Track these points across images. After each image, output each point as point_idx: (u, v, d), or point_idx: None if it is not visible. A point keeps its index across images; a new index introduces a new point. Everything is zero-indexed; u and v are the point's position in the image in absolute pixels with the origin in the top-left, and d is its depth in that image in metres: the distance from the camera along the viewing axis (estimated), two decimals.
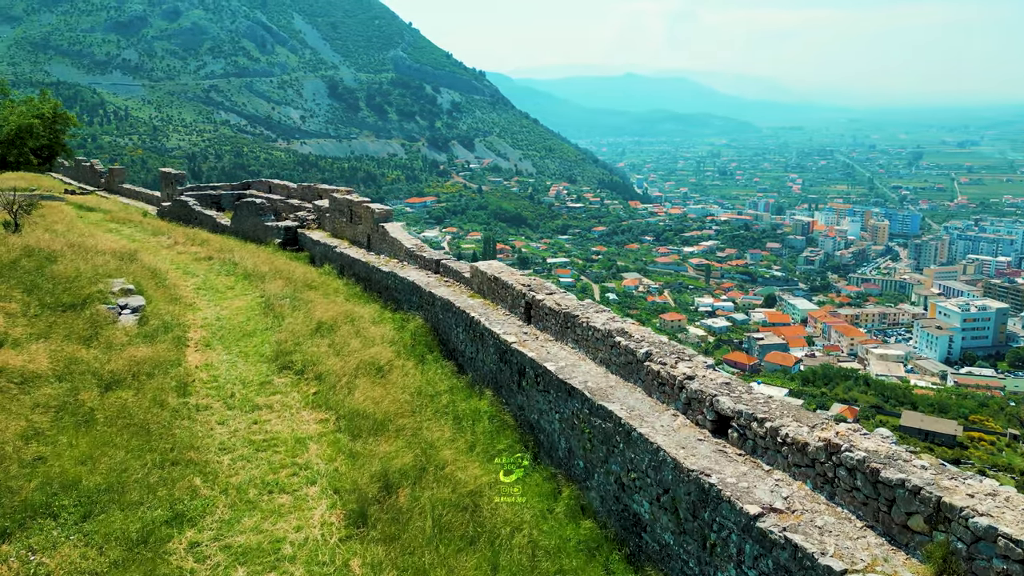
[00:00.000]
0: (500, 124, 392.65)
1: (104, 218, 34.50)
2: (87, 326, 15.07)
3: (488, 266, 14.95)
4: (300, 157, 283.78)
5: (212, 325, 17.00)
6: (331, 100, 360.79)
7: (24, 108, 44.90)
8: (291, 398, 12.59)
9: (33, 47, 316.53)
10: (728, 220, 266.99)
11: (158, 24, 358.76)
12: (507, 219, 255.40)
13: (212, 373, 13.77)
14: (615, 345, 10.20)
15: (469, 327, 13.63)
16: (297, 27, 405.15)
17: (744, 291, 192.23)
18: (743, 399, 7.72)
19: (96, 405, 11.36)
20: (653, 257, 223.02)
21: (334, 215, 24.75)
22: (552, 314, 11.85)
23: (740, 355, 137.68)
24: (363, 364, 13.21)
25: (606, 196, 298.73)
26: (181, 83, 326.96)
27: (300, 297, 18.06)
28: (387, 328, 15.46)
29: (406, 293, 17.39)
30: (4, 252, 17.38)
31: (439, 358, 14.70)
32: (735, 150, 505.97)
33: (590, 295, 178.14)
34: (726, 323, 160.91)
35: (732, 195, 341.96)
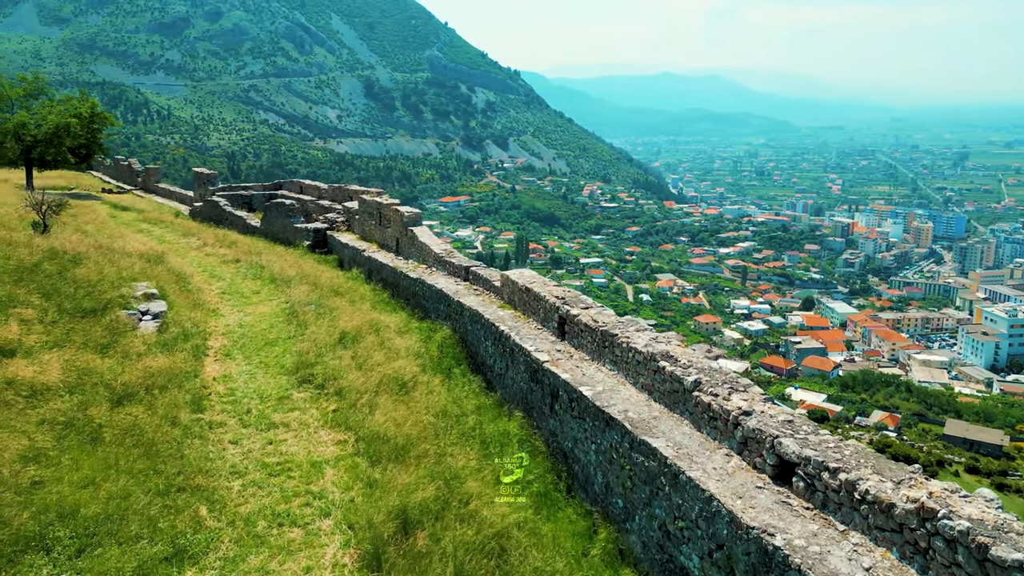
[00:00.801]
0: (534, 123, 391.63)
1: (137, 218, 34.47)
2: (105, 333, 14.58)
3: (519, 275, 14.08)
4: (336, 156, 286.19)
5: (234, 332, 16.42)
6: (367, 100, 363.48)
7: (62, 107, 45.08)
8: (309, 415, 11.89)
9: (80, 48, 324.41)
10: (765, 221, 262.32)
11: (200, 25, 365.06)
12: (540, 219, 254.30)
13: (229, 386, 13.15)
14: (659, 370, 9.22)
15: (498, 341, 12.78)
16: (335, 27, 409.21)
17: (781, 293, 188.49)
18: (810, 442, 6.69)
19: (105, 421, 10.77)
20: (688, 258, 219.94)
21: (363, 217, 24.12)
22: (588, 331, 10.95)
23: (777, 359, 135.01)
24: (386, 379, 12.46)
25: (641, 196, 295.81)
26: (222, 83, 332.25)
27: (325, 304, 17.41)
28: (413, 339, 14.70)
29: (434, 301, 16.62)
30: (26, 255, 16.99)
31: (466, 372, 13.90)
32: (773, 150, 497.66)
33: (623, 295, 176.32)
34: (762, 326, 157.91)
35: (769, 196, 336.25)
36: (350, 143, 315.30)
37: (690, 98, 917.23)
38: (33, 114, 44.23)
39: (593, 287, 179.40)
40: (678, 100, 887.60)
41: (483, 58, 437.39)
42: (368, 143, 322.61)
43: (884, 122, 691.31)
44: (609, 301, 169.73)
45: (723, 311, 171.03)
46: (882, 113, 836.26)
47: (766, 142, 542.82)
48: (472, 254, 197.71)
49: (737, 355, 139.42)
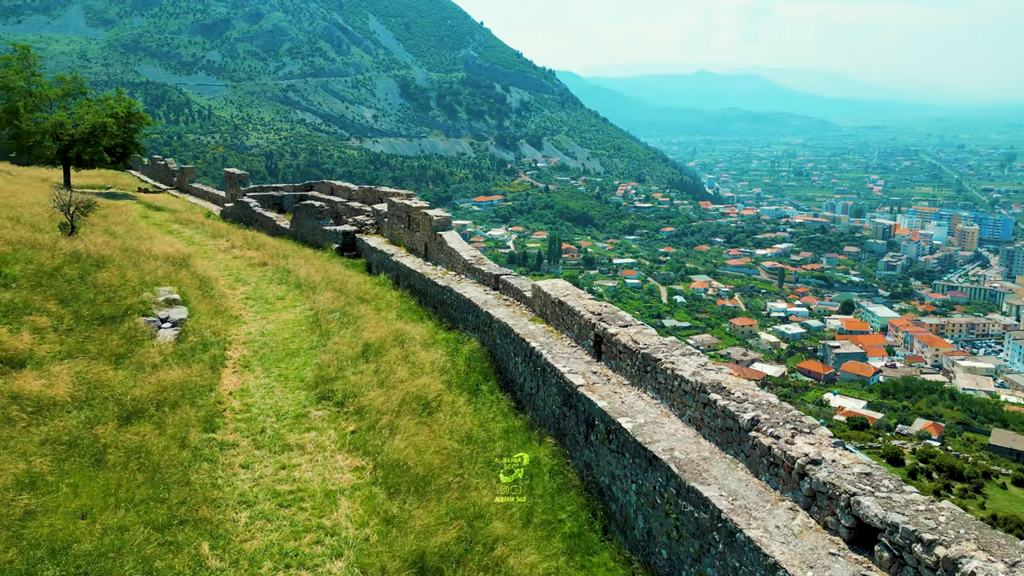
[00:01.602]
0: (568, 123, 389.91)
1: (168, 218, 34.33)
2: (122, 342, 14.04)
3: (552, 286, 13.17)
4: (372, 156, 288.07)
5: (255, 342, 15.80)
6: (403, 99, 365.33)
7: (99, 107, 45.38)
8: (326, 436, 11.15)
9: (125, 48, 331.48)
10: (803, 222, 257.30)
11: (241, 26, 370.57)
12: (573, 218, 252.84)
13: (245, 401, 12.48)
14: (709, 404, 8.20)
15: (529, 359, 11.89)
16: (372, 28, 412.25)
17: (819, 296, 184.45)
18: (895, 502, 5.65)
19: (111, 440, 10.15)
20: (724, 259, 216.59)
21: (392, 220, 23.44)
22: (627, 353, 9.98)
23: (814, 363, 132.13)
24: (409, 398, 11.68)
25: (675, 196, 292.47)
26: (261, 83, 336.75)
27: (350, 312, 16.72)
28: (439, 352, 13.88)
29: (462, 311, 15.80)
30: (47, 259, 16.58)
31: (495, 389, 13.04)
32: (812, 150, 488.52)
33: (657, 297, 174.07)
34: (800, 329, 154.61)
35: (808, 196, 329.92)
36: (385, 143, 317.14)
37: (727, 97, 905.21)
38: (71, 114, 44.61)
39: (626, 288, 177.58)
40: (715, 99, 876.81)
41: (518, 58, 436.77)
42: (403, 143, 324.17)
43: (928, 121, 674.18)
44: (642, 302, 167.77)
45: (759, 314, 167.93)
46: (926, 112, 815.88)
47: (804, 142, 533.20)
48: (504, 254, 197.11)
49: (773, 359, 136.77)
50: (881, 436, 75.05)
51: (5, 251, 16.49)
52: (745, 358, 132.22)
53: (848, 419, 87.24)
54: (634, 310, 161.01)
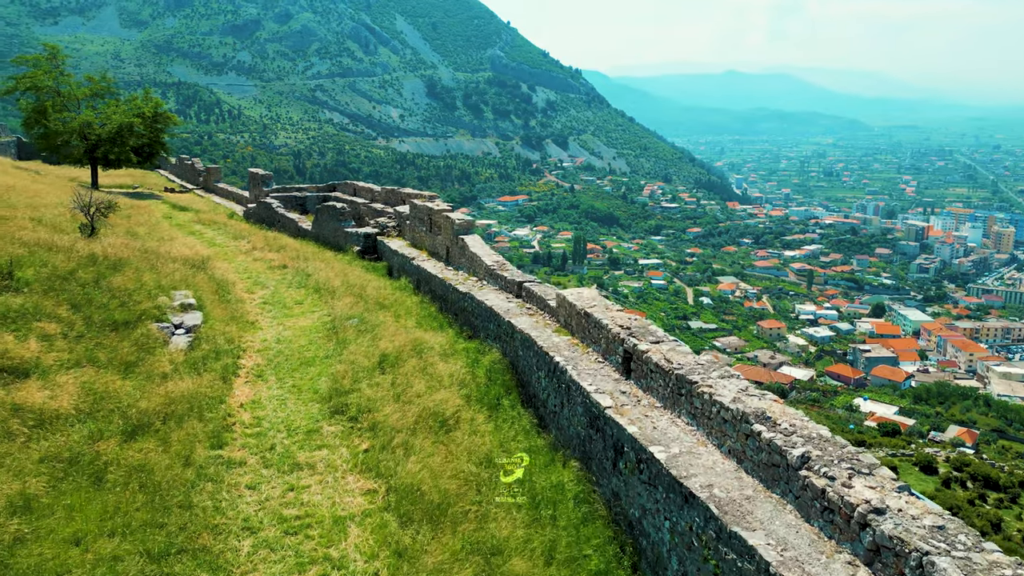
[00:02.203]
0: (595, 122, 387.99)
1: (191, 219, 34.18)
2: (133, 350, 13.62)
3: (577, 296, 12.46)
4: (398, 155, 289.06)
5: (270, 349, 15.31)
6: (429, 99, 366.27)
7: (127, 107, 45.57)
8: (338, 455, 10.57)
9: (158, 49, 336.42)
10: (833, 223, 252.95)
11: (270, 27, 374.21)
12: (598, 218, 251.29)
13: (256, 414, 11.96)
14: (752, 435, 7.39)
15: (552, 374, 11.21)
16: (399, 28, 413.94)
17: (849, 299, 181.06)
18: (975, 566, 4.84)
19: (113, 457, 9.67)
20: (751, 260, 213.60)
21: (414, 223, 22.88)
22: (659, 372, 9.24)
23: (844, 367, 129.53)
24: (426, 414, 11.07)
25: (703, 196, 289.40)
26: (290, 83, 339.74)
27: (368, 319, 16.16)
28: (458, 364, 13.25)
29: (483, 319, 15.16)
30: (62, 262, 16.24)
31: (516, 403, 12.37)
32: (843, 150, 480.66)
33: (683, 298, 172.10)
34: (829, 332, 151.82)
35: (838, 197, 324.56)
36: (412, 142, 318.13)
37: (756, 96, 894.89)
38: (98, 113, 44.85)
39: (652, 289, 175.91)
40: (743, 98, 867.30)
41: (544, 57, 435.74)
42: (429, 142, 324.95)
43: (962, 121, 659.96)
44: (668, 304, 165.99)
45: (787, 316, 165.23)
46: (960, 111, 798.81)
47: (835, 142, 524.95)
48: (529, 253, 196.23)
49: (801, 362, 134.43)
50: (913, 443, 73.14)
51: (20, 254, 16.18)
52: (773, 361, 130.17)
53: (879, 425, 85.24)
54: (659, 311, 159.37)
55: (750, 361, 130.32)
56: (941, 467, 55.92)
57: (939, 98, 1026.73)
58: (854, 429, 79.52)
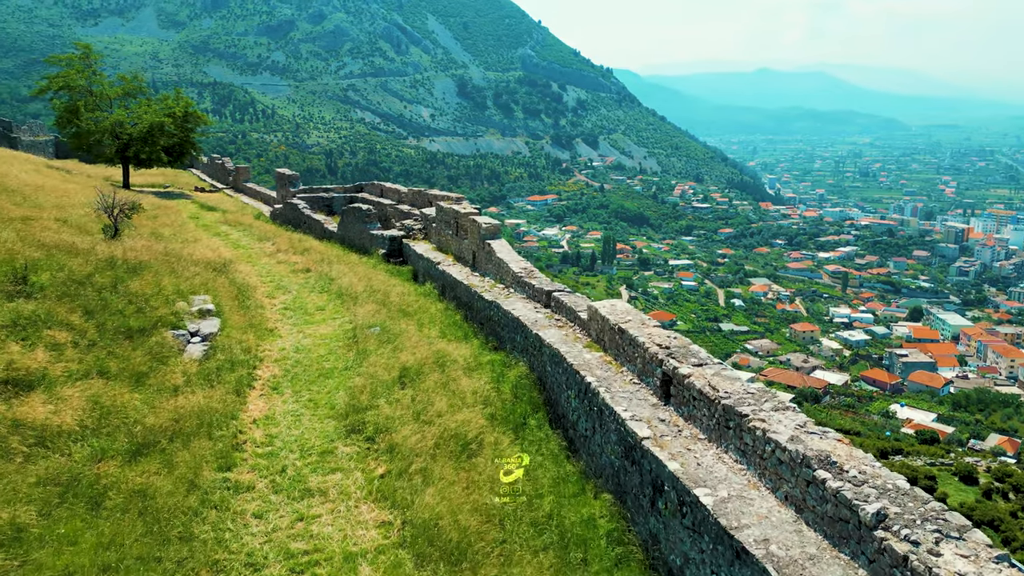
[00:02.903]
0: (625, 121, 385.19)
1: (218, 219, 33.95)
2: (145, 359, 13.10)
3: (611, 309, 11.61)
4: (428, 155, 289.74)
5: (288, 359, 14.71)
6: (460, 99, 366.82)
7: (158, 107, 45.67)
8: (352, 480, 9.88)
9: (194, 50, 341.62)
10: (869, 225, 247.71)
11: (304, 27, 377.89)
12: (628, 218, 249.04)
13: (269, 431, 11.33)
14: (815, 482, 6.44)
15: (583, 394, 10.39)
16: (431, 28, 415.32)
17: (886, 302, 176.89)
18: None
19: (114, 480, 9.08)
20: (784, 262, 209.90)
21: (440, 226, 22.20)
22: (703, 400, 8.39)
23: (880, 372, 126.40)
24: (447, 437, 10.34)
25: (735, 196, 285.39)
26: (322, 83, 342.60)
27: (390, 328, 15.49)
28: (483, 380, 12.48)
29: (509, 330, 14.38)
30: (79, 265, 15.81)
31: (543, 423, 11.57)
32: (879, 149, 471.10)
33: (714, 300, 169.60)
34: (864, 336, 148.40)
35: (874, 198, 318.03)
36: (442, 141, 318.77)
37: (790, 95, 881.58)
38: (130, 113, 45.00)
39: (682, 290, 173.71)
40: (777, 97, 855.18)
41: (575, 56, 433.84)
42: (459, 142, 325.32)
43: (1004, 120, 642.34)
44: (699, 305, 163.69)
45: (821, 319, 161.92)
46: (1002, 110, 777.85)
47: (872, 141, 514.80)
48: (558, 253, 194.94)
49: (835, 366, 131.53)
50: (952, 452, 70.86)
51: (37, 257, 15.78)
52: (806, 365, 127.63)
53: (916, 432, 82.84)
54: (690, 313, 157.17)
55: (782, 364, 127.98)
56: (982, 477, 53.83)
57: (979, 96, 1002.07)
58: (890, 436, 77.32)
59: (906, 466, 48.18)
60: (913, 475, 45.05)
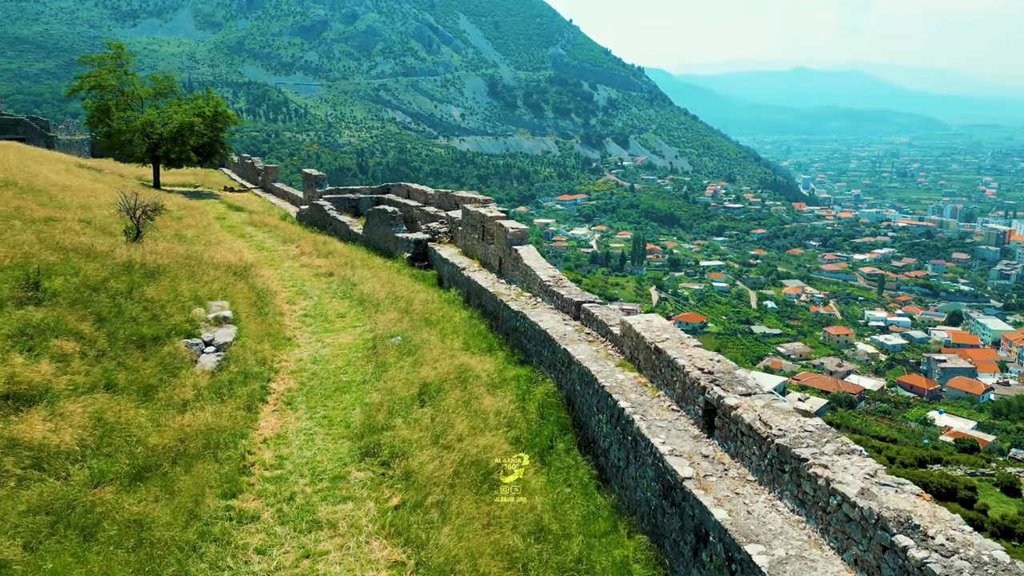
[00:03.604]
0: (657, 121, 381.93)
1: (244, 220, 33.64)
2: (156, 371, 12.53)
3: (646, 325, 10.72)
4: (458, 154, 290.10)
5: (305, 370, 14.08)
6: (490, 98, 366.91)
7: (188, 106, 45.70)
8: (364, 511, 9.14)
9: (230, 50, 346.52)
10: (907, 226, 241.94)
11: (337, 28, 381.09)
12: (659, 218, 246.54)
13: (280, 452, 10.66)
14: (892, 548, 5.45)
15: (616, 420, 9.52)
16: (462, 27, 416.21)
17: (924, 306, 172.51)
18: None
19: (110, 507, 8.46)
20: (818, 264, 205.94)
21: (466, 230, 21.46)
22: (753, 437, 7.45)
23: (917, 378, 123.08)
24: (467, 464, 9.57)
25: (768, 197, 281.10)
26: (354, 83, 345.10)
27: (412, 338, 14.78)
28: (507, 398, 11.66)
29: (536, 343, 13.57)
30: (95, 270, 15.34)
31: (572, 447, 10.72)
32: (918, 149, 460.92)
33: (746, 301, 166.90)
34: (901, 340, 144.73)
35: (912, 199, 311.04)
36: (472, 141, 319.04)
37: (825, 94, 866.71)
38: (160, 113, 45.09)
39: (713, 291, 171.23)
40: (811, 96, 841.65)
41: (607, 55, 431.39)
42: (489, 141, 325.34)
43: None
44: (730, 307, 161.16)
45: (856, 322, 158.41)
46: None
47: (910, 141, 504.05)
48: (587, 253, 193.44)
49: (871, 371, 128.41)
50: (993, 461, 68.42)
51: (53, 261, 15.35)
52: (840, 369, 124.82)
53: (955, 440, 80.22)
54: (721, 315, 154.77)
55: (816, 369, 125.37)
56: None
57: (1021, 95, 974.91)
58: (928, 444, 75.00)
59: (945, 475, 46.37)
60: (953, 485, 43.30)
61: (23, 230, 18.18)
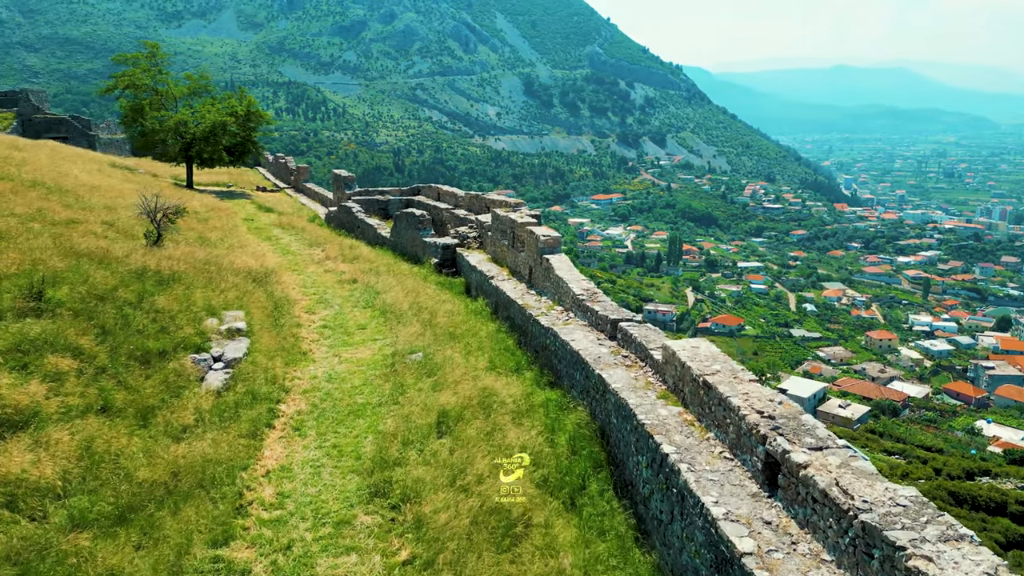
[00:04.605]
0: (695, 119, 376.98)
1: (272, 222, 32.99)
2: (158, 391, 11.64)
3: (692, 353, 9.44)
4: (493, 153, 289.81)
5: (318, 390, 13.09)
6: (526, 97, 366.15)
7: (221, 106, 45.40)
8: (369, 567, 8.04)
9: (271, 50, 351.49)
10: (953, 228, 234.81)
11: (375, 27, 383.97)
12: (695, 218, 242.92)
13: (282, 488, 9.64)
14: None
15: (658, 465, 8.27)
16: (499, 26, 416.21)
17: (971, 310, 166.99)
18: None
19: (85, 557, 7.53)
20: (860, 266, 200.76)
21: (495, 235, 20.34)
22: (830, 507, 6.08)
23: (964, 385, 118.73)
24: (486, 511, 8.44)
25: (808, 197, 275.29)
26: (392, 82, 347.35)
27: (433, 356, 13.71)
28: (534, 430, 10.47)
29: (567, 364, 12.38)
30: (104, 278, 14.56)
31: (606, 487, 9.49)
32: (965, 149, 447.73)
33: (785, 304, 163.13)
34: (947, 346, 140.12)
35: (959, 200, 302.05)
36: (507, 140, 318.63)
37: (869, 92, 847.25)
38: (194, 112, 44.86)
39: (751, 293, 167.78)
40: (854, 95, 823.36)
41: (644, 53, 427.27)
42: (524, 140, 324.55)
43: None
44: (768, 310, 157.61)
45: (899, 327, 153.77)
46: None
47: (957, 140, 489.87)
48: (622, 253, 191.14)
49: (915, 378, 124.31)
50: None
51: (61, 268, 14.59)
52: (882, 375, 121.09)
53: (1005, 451, 76.84)
54: (759, 317, 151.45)
55: (857, 374, 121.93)
56: None
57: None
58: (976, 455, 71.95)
59: (994, 489, 44.08)
60: (1003, 500, 41.02)
61: (40, 233, 17.56)
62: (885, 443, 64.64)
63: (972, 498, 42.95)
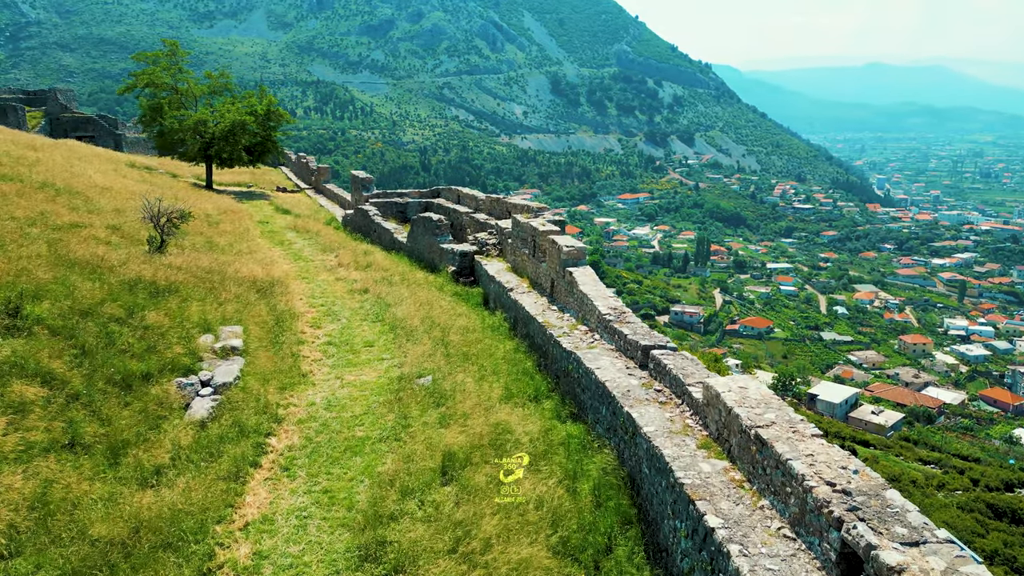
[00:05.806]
0: (723, 118, 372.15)
1: (288, 225, 31.97)
2: (134, 423, 10.45)
3: (739, 396, 7.98)
4: (519, 152, 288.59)
5: (315, 420, 11.82)
6: (553, 96, 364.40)
7: (240, 105, 44.61)
8: None
9: (300, 49, 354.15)
10: (990, 230, 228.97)
11: (403, 26, 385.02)
12: (724, 218, 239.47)
13: (260, 547, 8.36)
14: None
15: (701, 541, 6.84)
16: (526, 25, 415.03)
17: (1009, 314, 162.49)
18: None
19: None
20: (893, 268, 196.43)
21: (516, 243, 18.97)
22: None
23: (1002, 392, 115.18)
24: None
25: (839, 197, 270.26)
26: (419, 81, 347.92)
27: (443, 382, 12.39)
28: (553, 479, 9.04)
29: (592, 395, 10.98)
30: (91, 291, 13.46)
31: (636, 550, 8.06)
32: (1003, 148, 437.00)
33: (815, 306, 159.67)
34: (984, 351, 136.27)
35: (996, 201, 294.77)
36: (533, 139, 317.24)
37: (902, 90, 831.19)
38: (213, 111, 44.14)
39: (780, 295, 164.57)
40: (888, 93, 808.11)
41: (673, 51, 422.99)
42: (551, 139, 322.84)
43: None
44: (799, 312, 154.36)
45: (934, 331, 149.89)
46: None
47: (995, 139, 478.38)
48: (648, 253, 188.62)
49: (950, 383, 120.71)
50: None
51: (45, 280, 13.52)
52: (916, 380, 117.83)
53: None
54: (788, 320, 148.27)
55: (890, 379, 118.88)
56: None
57: None
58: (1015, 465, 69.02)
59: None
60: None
61: (36, 239, 16.58)
62: (920, 451, 62.16)
63: (1012, 511, 40.70)
